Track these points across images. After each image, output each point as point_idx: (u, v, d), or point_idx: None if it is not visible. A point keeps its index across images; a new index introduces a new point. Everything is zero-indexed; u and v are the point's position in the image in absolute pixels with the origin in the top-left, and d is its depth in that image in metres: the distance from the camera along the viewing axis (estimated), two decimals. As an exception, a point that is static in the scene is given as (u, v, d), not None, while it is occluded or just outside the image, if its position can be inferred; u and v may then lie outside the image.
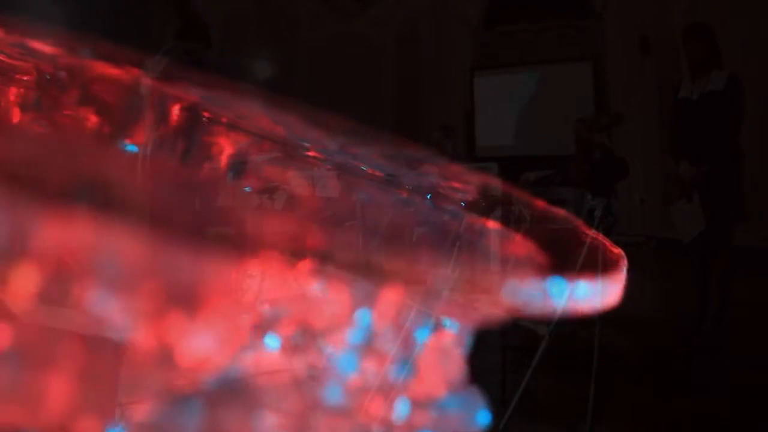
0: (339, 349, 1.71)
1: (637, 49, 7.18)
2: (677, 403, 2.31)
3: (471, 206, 2.37)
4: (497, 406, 1.85)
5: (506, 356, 2.30)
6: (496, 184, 2.65)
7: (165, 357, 1.37)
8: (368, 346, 1.72)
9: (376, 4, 8.63)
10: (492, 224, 2.45)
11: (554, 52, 7.91)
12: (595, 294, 1.83)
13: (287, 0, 8.43)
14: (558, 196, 3.28)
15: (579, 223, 2.16)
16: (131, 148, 1.71)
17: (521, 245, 2.20)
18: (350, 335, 1.73)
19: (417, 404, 1.66)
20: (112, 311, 1.22)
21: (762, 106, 4.87)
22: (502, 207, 2.49)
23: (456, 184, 2.32)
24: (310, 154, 2.20)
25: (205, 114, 1.84)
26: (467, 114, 8.41)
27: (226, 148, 2.01)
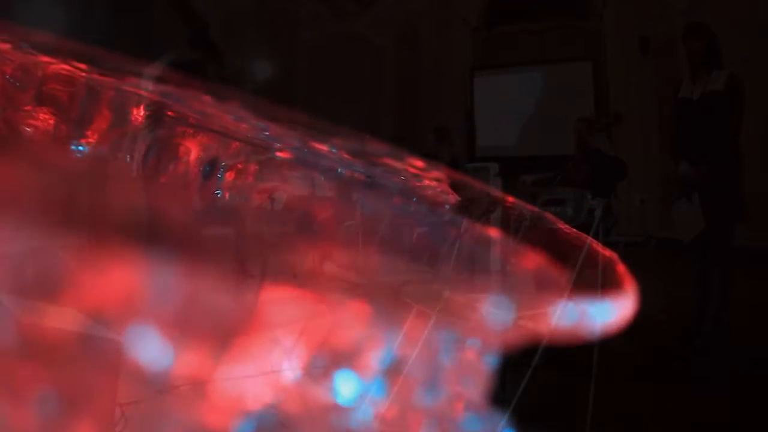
0: (365, 375, 1.69)
1: (637, 49, 7.18)
2: (677, 403, 2.31)
3: (462, 209, 2.35)
4: (497, 406, 1.85)
5: (506, 356, 2.29)
6: (467, 180, 2.61)
7: (199, 393, 1.36)
8: (394, 369, 1.71)
9: (376, 4, 8.63)
10: (492, 231, 2.42)
11: (554, 52, 7.92)
12: (603, 309, 1.82)
13: (287, 0, 8.43)
14: (558, 196, 3.28)
15: (560, 223, 2.15)
16: (81, 148, 1.66)
17: (529, 256, 2.18)
18: (376, 359, 1.72)
19: (443, 426, 1.65)
20: (148, 344, 1.21)
21: (762, 106, 4.88)
22: (502, 208, 2.48)
23: (429, 182, 2.28)
24: (283, 155, 2.14)
25: (169, 113, 1.77)
26: (467, 114, 8.42)
27: (192, 149, 1.94)
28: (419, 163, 2.13)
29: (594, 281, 1.84)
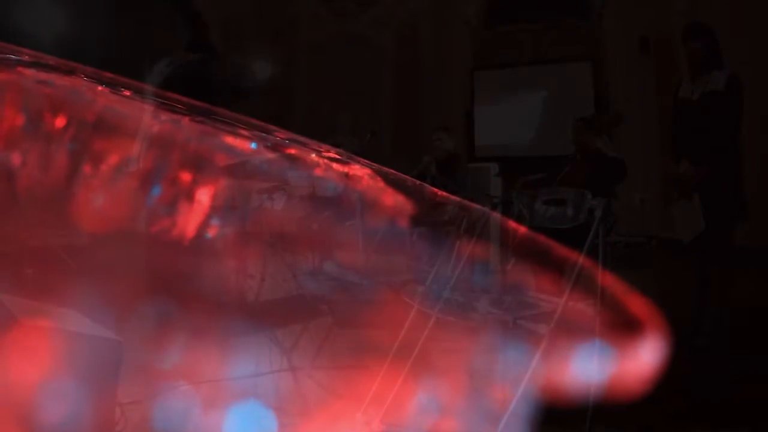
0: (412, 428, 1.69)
1: (637, 49, 7.18)
2: (677, 402, 2.31)
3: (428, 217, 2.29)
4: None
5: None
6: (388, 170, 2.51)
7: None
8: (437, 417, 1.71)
9: (376, 4, 8.63)
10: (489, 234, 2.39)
11: (554, 52, 7.91)
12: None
13: (287, 0, 8.43)
14: (558, 196, 3.28)
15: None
16: None
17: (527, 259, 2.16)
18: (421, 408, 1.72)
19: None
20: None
21: (762, 106, 4.87)
22: (502, 207, 2.48)
23: (367, 181, 2.22)
24: (220, 162, 2.08)
25: (90, 117, 1.66)
26: (467, 114, 8.41)
27: (115, 156, 1.85)
28: (335, 155, 2.06)
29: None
